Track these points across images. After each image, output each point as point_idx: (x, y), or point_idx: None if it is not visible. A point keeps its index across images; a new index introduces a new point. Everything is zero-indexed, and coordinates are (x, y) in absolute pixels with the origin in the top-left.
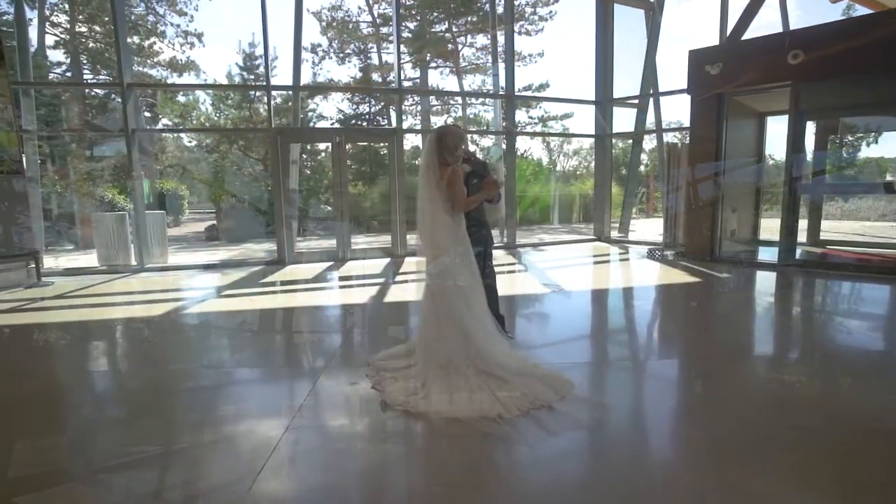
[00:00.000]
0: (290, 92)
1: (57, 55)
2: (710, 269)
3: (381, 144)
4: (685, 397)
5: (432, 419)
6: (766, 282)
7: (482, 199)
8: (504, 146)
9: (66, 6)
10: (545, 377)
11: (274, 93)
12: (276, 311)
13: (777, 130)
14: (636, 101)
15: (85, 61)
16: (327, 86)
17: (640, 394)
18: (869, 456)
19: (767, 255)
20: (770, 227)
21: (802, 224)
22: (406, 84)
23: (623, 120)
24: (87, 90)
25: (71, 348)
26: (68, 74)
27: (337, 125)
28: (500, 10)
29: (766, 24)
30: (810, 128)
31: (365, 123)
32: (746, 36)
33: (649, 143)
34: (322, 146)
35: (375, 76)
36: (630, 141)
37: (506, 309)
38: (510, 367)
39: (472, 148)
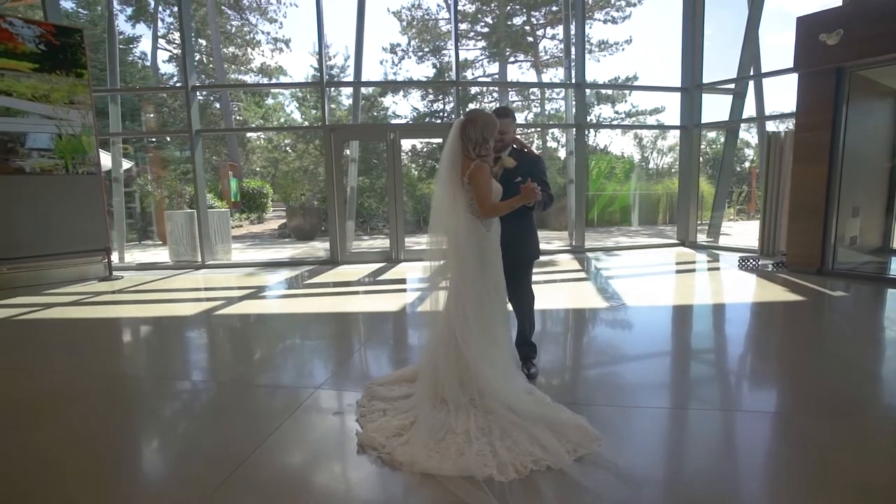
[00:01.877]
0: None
1: (169, 67)
2: (818, 285)
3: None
4: (770, 474)
5: (404, 473)
6: None
7: (518, 206)
8: (574, 140)
9: (178, 23)
10: (562, 426)
11: (348, 91)
12: (292, 317)
13: None
14: (732, 86)
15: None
16: (383, 82)
17: (699, 462)
18: None
19: None
20: None
21: None
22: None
23: (717, 108)
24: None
25: (76, 347)
26: (178, 84)
27: (409, 122)
28: None
29: None
30: None
31: (439, 121)
32: None
33: (755, 136)
34: (405, 144)
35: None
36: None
37: (547, 329)
38: (520, 409)
39: (551, 144)
